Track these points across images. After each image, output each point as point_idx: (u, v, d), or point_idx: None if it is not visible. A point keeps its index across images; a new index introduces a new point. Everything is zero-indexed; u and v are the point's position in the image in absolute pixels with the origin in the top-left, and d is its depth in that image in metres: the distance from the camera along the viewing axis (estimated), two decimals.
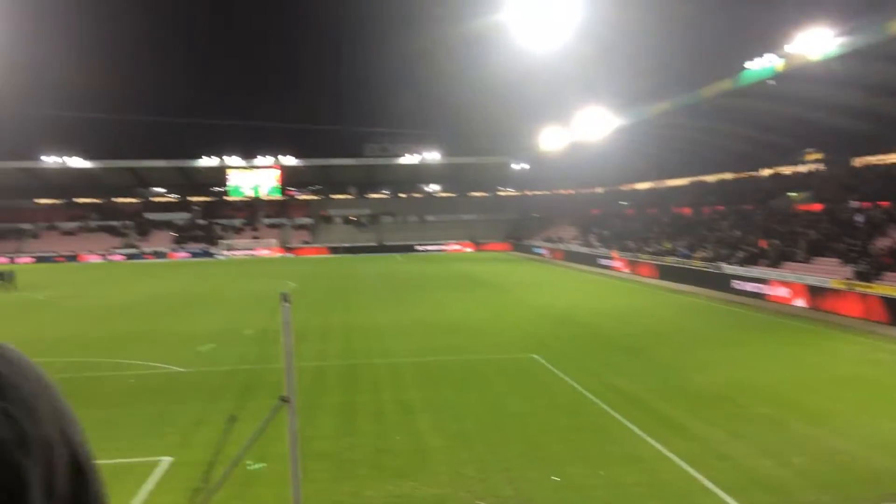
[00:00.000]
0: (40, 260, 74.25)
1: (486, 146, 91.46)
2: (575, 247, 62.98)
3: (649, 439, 12.93)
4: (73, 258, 76.00)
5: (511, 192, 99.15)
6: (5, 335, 25.29)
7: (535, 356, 20.36)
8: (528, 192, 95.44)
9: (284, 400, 8.45)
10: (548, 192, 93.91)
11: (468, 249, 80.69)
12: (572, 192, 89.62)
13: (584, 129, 58.74)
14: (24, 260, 72.97)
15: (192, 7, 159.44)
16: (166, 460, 12.28)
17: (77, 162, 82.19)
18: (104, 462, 11.61)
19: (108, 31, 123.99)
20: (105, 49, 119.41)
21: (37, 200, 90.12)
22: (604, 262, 53.05)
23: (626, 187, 75.86)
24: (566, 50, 56.06)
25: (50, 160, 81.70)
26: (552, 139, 68.72)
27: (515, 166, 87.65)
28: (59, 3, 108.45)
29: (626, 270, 48.68)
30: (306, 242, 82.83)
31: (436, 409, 15.18)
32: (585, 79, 69.42)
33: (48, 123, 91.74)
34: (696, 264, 41.45)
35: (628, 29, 62.74)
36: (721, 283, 36.69)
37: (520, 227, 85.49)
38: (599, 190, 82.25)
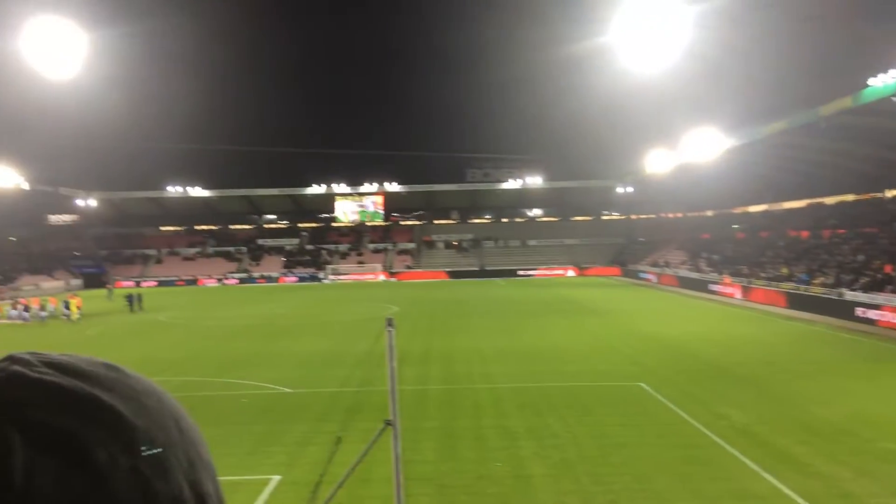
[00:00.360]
0: (162, 284, 78.77)
1: (590, 170, 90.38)
2: (683, 272, 60.95)
3: (765, 475, 12.24)
4: (192, 282, 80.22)
5: (616, 215, 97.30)
6: (130, 354, 26.92)
7: (642, 384, 19.76)
8: (634, 216, 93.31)
9: (388, 423, 8.55)
10: (654, 216, 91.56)
11: (571, 274, 79.61)
12: (680, 215, 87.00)
13: (693, 151, 57.06)
14: (148, 283, 77.60)
15: (299, 44, 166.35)
16: (275, 479, 12.66)
17: (197, 191, 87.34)
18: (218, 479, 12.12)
19: (225, 69, 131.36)
20: (222, 85, 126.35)
21: (161, 228, 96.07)
22: (714, 287, 51.03)
23: (737, 210, 72.92)
24: (674, 69, 54.79)
25: (173, 190, 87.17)
26: (659, 161, 67.13)
27: (620, 189, 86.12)
28: (178, 47, 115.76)
29: (739, 297, 46.61)
30: (409, 267, 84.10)
31: (538, 437, 14.96)
32: (694, 98, 67.29)
33: (172, 155, 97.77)
34: (816, 290, 39.20)
35: (741, 47, 60.52)
36: (843, 310, 34.50)
37: (625, 251, 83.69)
38: (709, 213, 79.47)
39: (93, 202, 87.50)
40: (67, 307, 42.31)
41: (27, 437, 0.59)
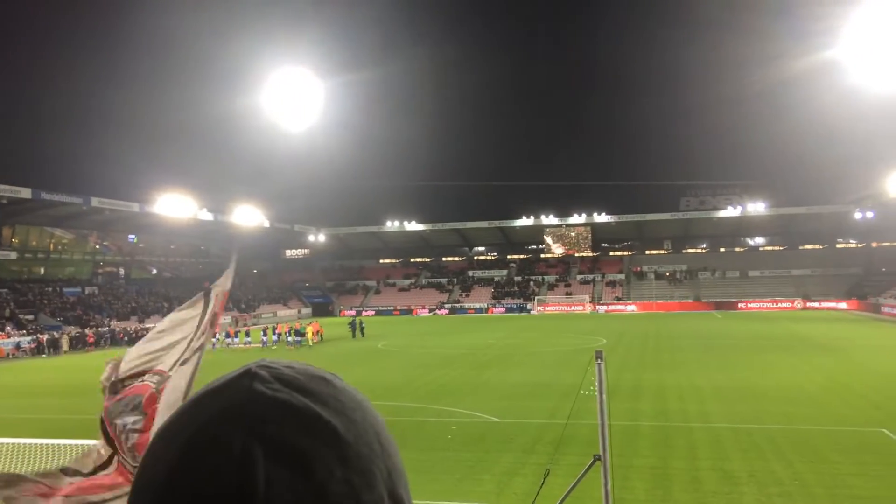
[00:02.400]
0: (380, 313, 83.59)
1: (821, 194, 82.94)
2: None
3: None
4: (406, 312, 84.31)
5: (853, 243, 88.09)
6: (351, 378, 28.69)
7: (885, 431, 17.53)
8: (875, 244, 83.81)
9: (598, 458, 8.36)
10: None
11: (799, 307, 73.13)
12: None
13: None
14: (367, 313, 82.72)
15: (509, 77, 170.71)
16: None
17: (413, 225, 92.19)
18: (428, 502, 12.43)
19: (439, 107, 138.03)
20: (435, 123, 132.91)
21: (380, 260, 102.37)
22: None
23: None
24: None
25: (391, 224, 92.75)
26: None
27: (858, 215, 77.81)
28: (396, 90, 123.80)
29: None
30: (618, 298, 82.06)
31: (762, 483, 13.79)
32: None
33: (391, 192, 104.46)
34: None
35: None
36: None
37: (864, 283, 75.32)
38: None
39: (322, 237, 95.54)
40: (297, 333, 46.73)
41: (266, 450, 0.69)
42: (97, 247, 76.17)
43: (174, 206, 67.80)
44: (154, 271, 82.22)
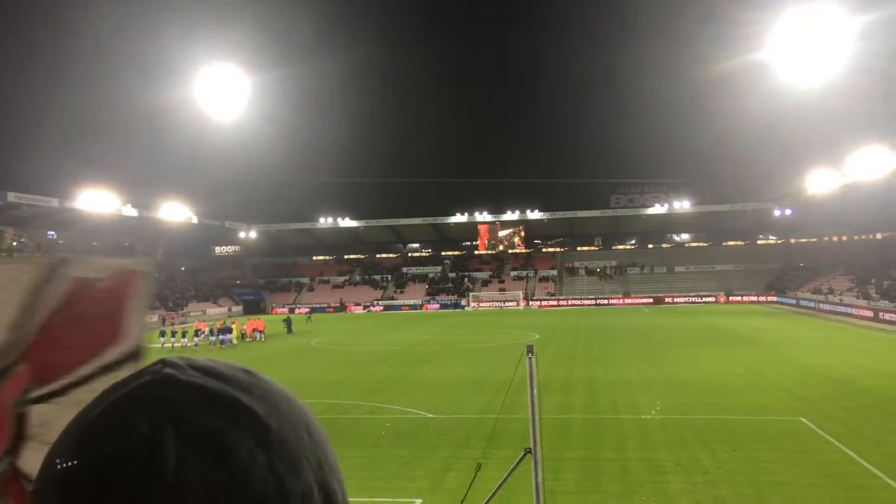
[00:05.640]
0: (313, 310, 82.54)
1: (743, 192, 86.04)
2: (850, 299, 56.34)
3: None
4: (340, 309, 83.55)
5: (772, 240, 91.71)
6: (284, 376, 28.30)
7: (803, 419, 18.32)
8: (793, 240, 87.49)
9: (528, 451, 8.43)
10: (815, 240, 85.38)
11: (723, 302, 75.74)
12: (845, 238, 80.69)
13: (860, 170, 53.03)
14: (301, 310, 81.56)
15: (440, 74, 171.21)
16: (417, 503, 12.79)
17: (346, 222, 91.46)
18: (362, 500, 12.30)
19: (371, 103, 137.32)
20: (368, 119, 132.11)
21: (314, 257, 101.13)
22: (887, 316, 46.74)
23: None
24: (836, 84, 51.38)
25: (325, 221, 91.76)
26: (821, 182, 62.87)
27: (777, 212, 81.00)
28: (327, 86, 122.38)
29: None
30: (550, 294, 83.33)
31: (687, 472, 14.20)
32: (860, 114, 62.50)
33: (324, 188, 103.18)
34: None
35: None
36: None
37: (783, 277, 78.58)
38: (879, 236, 73.16)
39: (253, 234, 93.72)
40: (225, 331, 44.83)
41: (178, 433, 0.66)
42: (14, 244, 72.69)
43: (97, 201, 65.26)
44: None
